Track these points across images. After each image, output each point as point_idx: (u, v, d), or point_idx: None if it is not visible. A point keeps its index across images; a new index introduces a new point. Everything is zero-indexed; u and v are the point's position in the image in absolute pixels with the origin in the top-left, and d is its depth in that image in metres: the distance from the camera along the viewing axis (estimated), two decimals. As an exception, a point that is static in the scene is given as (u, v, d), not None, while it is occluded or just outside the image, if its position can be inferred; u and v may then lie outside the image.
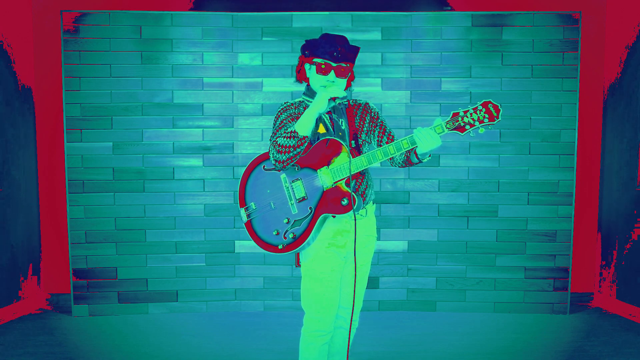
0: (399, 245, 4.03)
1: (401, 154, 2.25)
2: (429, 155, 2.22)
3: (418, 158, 2.22)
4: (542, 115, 3.93)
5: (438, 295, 4.03)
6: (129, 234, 3.95)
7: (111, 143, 3.92)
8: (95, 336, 3.56)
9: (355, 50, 2.23)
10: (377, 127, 2.34)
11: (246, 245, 4.01)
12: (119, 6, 4.02)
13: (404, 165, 2.32)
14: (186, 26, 3.91)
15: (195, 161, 3.98)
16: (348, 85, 2.30)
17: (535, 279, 4.00)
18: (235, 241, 4.03)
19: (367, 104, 2.38)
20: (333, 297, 2.26)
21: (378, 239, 3.94)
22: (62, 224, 4.09)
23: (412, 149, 2.20)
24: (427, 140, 2.13)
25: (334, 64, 2.19)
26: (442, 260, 4.02)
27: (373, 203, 2.36)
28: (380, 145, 2.33)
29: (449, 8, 4.06)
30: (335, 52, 2.17)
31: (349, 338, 2.34)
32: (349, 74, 2.25)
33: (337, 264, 2.26)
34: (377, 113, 2.38)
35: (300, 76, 2.32)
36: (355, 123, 2.31)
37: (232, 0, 4.07)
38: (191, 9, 4.08)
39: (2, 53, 3.83)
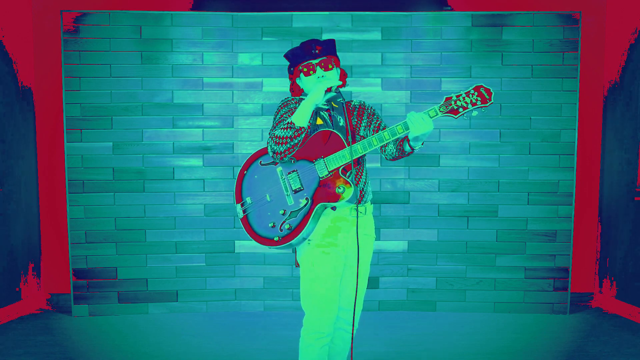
0: (399, 245, 4.03)
1: (395, 140, 2.26)
2: (422, 143, 2.21)
3: (410, 146, 2.20)
4: (542, 115, 3.93)
5: (438, 295, 4.03)
6: (129, 234, 3.95)
7: (111, 143, 3.92)
8: (95, 336, 3.56)
9: (330, 42, 2.29)
10: (374, 122, 2.35)
11: (246, 245, 4.01)
12: (119, 6, 4.02)
13: (397, 155, 2.30)
14: (186, 26, 3.91)
15: (195, 161, 3.98)
16: (343, 84, 2.33)
17: (535, 279, 4.00)
18: (235, 241, 4.03)
19: (363, 102, 2.42)
20: (333, 298, 2.25)
21: (378, 239, 3.93)
22: (62, 224, 4.09)
23: (405, 137, 2.20)
24: (419, 123, 2.11)
25: (315, 61, 2.25)
26: (442, 260, 4.02)
27: (371, 203, 2.37)
28: None
29: (449, 8, 4.06)
30: (312, 50, 2.24)
31: (352, 341, 2.33)
32: (338, 68, 2.30)
33: (337, 264, 2.25)
34: (373, 109, 2.40)
35: (295, 92, 2.37)
36: (353, 122, 2.33)
37: (232, 0, 4.07)
38: (191, 9, 4.08)
39: (2, 53, 3.83)
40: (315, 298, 2.24)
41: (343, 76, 2.35)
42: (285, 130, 2.12)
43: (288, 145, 2.13)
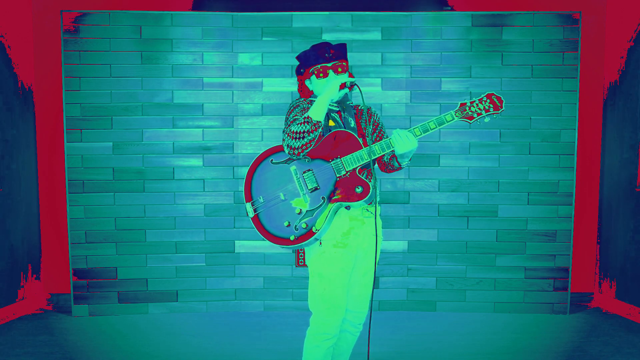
0: (399, 245, 4.03)
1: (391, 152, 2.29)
2: (410, 159, 2.28)
3: (398, 163, 2.28)
4: (542, 115, 3.93)
5: (438, 295, 4.03)
6: (129, 234, 3.95)
7: (111, 143, 3.92)
8: (95, 336, 3.56)
9: (342, 46, 2.32)
10: (376, 131, 2.40)
11: (246, 245, 4.01)
12: (119, 6, 4.02)
13: (389, 168, 2.38)
14: (186, 26, 3.91)
15: (195, 161, 3.98)
16: (351, 87, 2.33)
17: (535, 279, 4.00)
18: (235, 241, 4.03)
19: (370, 108, 2.45)
20: (341, 299, 2.24)
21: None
22: (62, 224, 4.09)
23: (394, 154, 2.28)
24: (402, 141, 2.17)
25: (329, 64, 2.28)
26: (442, 260, 4.02)
27: (379, 204, 2.36)
28: None
29: (449, 8, 4.06)
30: (326, 53, 2.27)
31: (368, 341, 2.34)
32: (347, 71, 2.32)
33: (347, 264, 2.25)
34: (378, 117, 2.45)
35: (304, 93, 2.39)
36: (362, 124, 2.35)
37: (232, 0, 4.07)
38: (191, 9, 4.08)
39: (2, 53, 3.83)
40: (323, 299, 2.23)
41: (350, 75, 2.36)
42: (302, 125, 2.13)
43: (305, 140, 2.14)
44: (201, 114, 3.96)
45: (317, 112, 2.15)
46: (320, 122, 2.14)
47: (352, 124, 2.32)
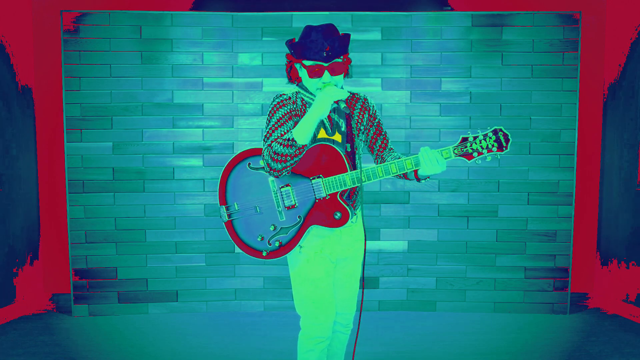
0: (399, 245, 4.03)
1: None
2: (428, 177, 2.09)
3: (417, 178, 2.09)
4: (542, 115, 3.93)
5: (438, 295, 4.03)
6: (129, 234, 3.95)
7: (111, 143, 3.92)
8: (95, 336, 3.57)
9: (345, 40, 2.07)
10: (373, 127, 2.25)
11: (246, 245, 4.00)
12: (119, 6, 4.02)
13: (397, 177, 2.20)
14: (186, 26, 3.91)
15: (195, 161, 3.98)
16: (346, 73, 2.14)
17: (535, 279, 4.00)
18: (235, 241, 4.02)
19: (366, 99, 2.26)
20: (330, 300, 2.19)
21: (378, 239, 3.96)
22: (62, 224, 4.09)
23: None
24: (431, 163, 2.00)
25: (326, 64, 2.05)
26: (442, 260, 4.02)
27: (363, 204, 2.29)
28: (372, 148, 2.26)
29: (449, 8, 4.06)
30: (324, 52, 2.02)
31: (355, 342, 2.31)
32: (349, 64, 2.13)
33: (329, 268, 2.20)
34: (375, 111, 2.27)
35: (293, 75, 2.17)
36: (353, 122, 2.18)
37: (232, 0, 4.07)
38: (191, 9, 4.08)
39: (2, 53, 3.83)
40: (312, 301, 2.18)
41: (347, 62, 2.15)
42: (285, 148, 1.93)
43: (287, 164, 1.97)
44: (201, 114, 3.96)
45: (303, 134, 1.94)
46: (306, 145, 1.96)
47: (343, 127, 2.14)
